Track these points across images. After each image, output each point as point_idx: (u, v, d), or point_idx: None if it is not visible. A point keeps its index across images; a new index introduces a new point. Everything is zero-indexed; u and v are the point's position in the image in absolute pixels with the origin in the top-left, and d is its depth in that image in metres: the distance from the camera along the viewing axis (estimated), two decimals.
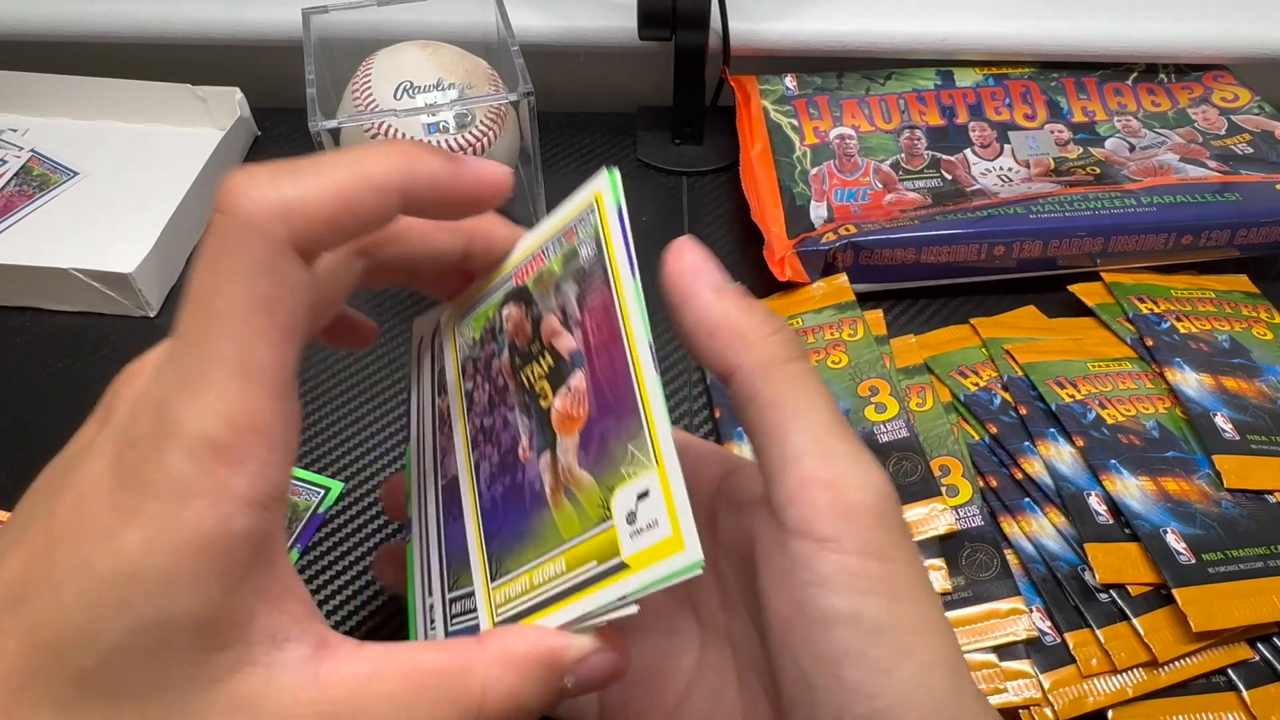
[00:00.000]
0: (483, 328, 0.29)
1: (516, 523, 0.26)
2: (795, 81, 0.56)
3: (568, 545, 0.24)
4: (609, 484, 0.23)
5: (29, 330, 0.48)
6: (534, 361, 0.27)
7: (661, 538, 0.22)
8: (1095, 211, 0.46)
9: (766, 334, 0.23)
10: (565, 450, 0.25)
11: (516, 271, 0.28)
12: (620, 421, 0.24)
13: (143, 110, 0.57)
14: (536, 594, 0.25)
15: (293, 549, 0.38)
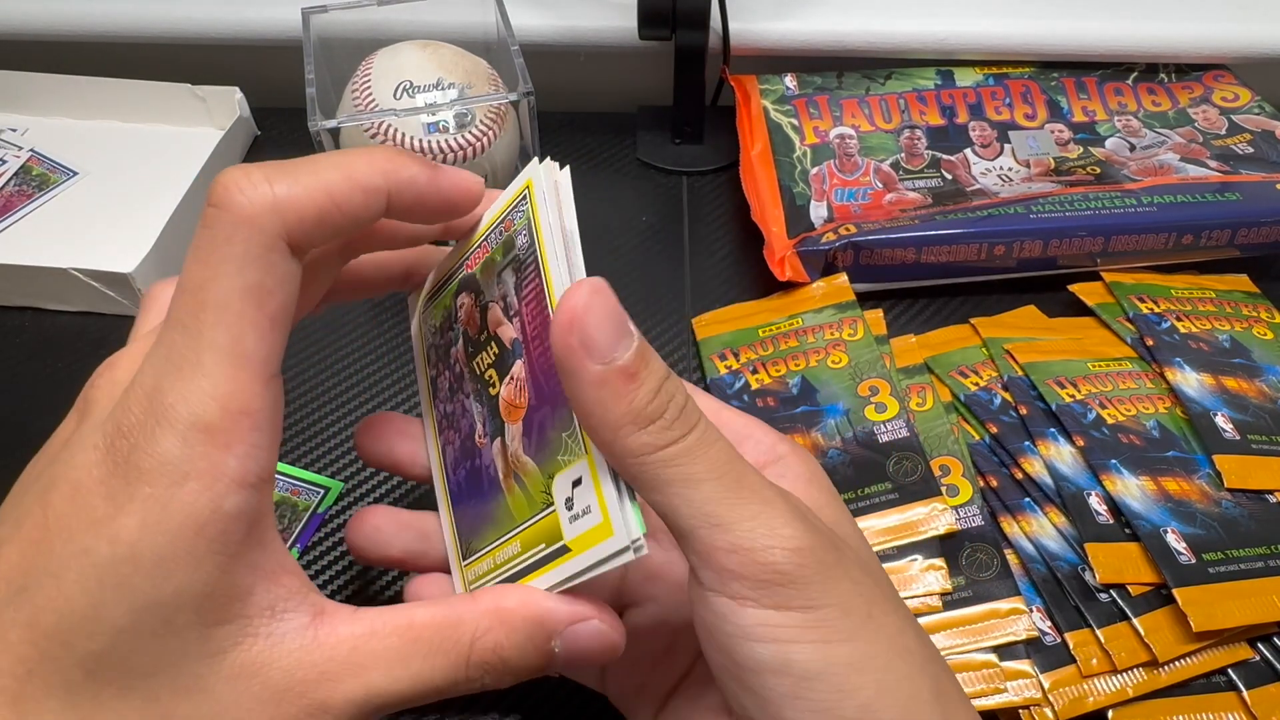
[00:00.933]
0: (442, 316, 0.30)
1: (479, 506, 0.27)
2: (795, 81, 0.56)
3: (520, 528, 0.25)
4: (549, 471, 0.24)
5: (29, 330, 0.48)
6: (483, 350, 0.27)
7: (594, 524, 0.23)
8: (1095, 211, 0.46)
9: (642, 424, 0.21)
10: (512, 437, 0.26)
11: (467, 260, 0.29)
12: (555, 410, 0.24)
13: (143, 110, 0.57)
14: (499, 572, 0.26)
15: (293, 548, 0.38)
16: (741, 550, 0.21)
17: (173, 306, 0.21)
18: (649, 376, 0.22)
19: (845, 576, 0.22)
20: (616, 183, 0.56)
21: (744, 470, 0.22)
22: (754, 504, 0.22)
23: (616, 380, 0.21)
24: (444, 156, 0.45)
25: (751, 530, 0.21)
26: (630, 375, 0.21)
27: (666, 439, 0.22)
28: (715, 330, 0.46)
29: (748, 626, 0.21)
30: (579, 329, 0.21)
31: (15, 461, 0.42)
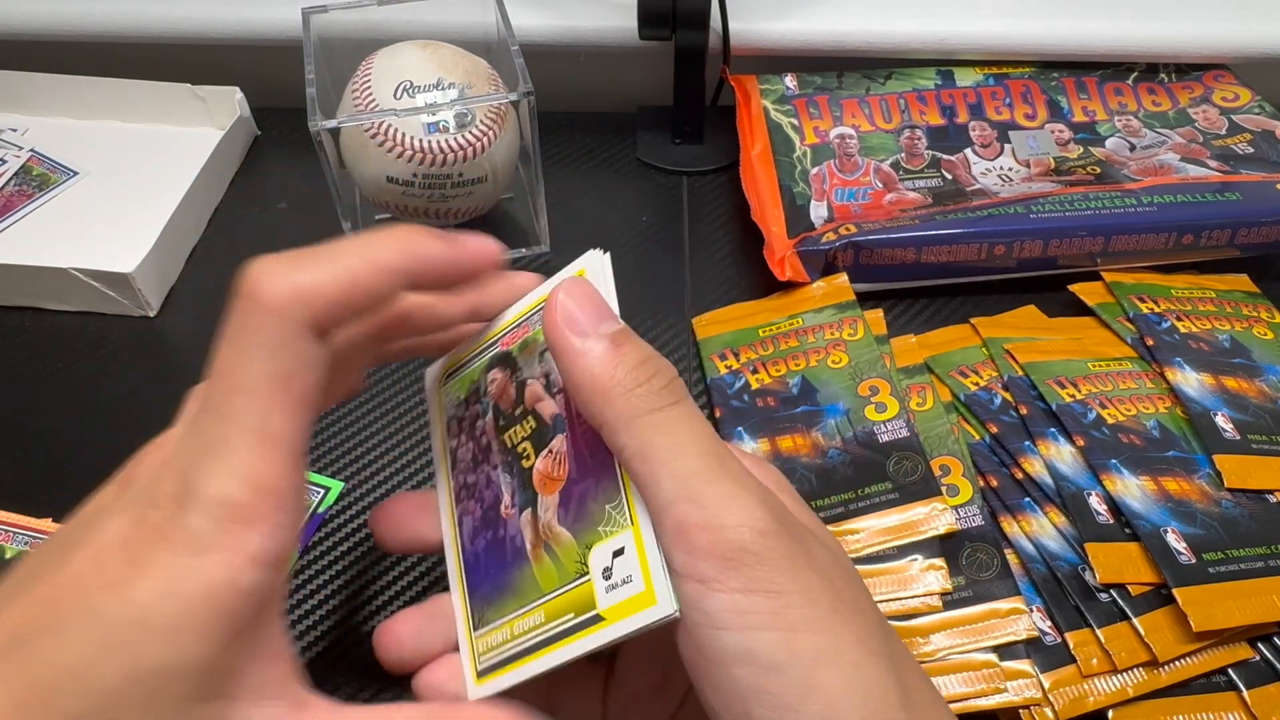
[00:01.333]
0: (468, 389, 0.30)
1: (498, 576, 0.28)
2: (795, 81, 0.56)
3: (546, 598, 0.26)
4: (586, 541, 0.25)
5: (29, 330, 0.48)
6: (517, 424, 0.28)
7: (635, 592, 0.23)
8: (1095, 211, 0.46)
9: (628, 387, 0.23)
10: (545, 508, 0.27)
11: (503, 338, 0.30)
12: (599, 484, 0.25)
13: (143, 110, 0.57)
14: (517, 643, 0.26)
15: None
16: (713, 527, 0.22)
17: (206, 392, 0.22)
18: (632, 349, 0.23)
19: (810, 568, 0.22)
20: (616, 183, 0.56)
21: (725, 452, 0.23)
22: (730, 484, 0.22)
23: (601, 349, 0.23)
24: (444, 156, 0.45)
25: (725, 508, 0.22)
26: (615, 345, 0.23)
27: (655, 403, 0.23)
28: (715, 330, 0.46)
29: (714, 613, 0.21)
30: (563, 311, 0.24)
31: (15, 461, 0.42)
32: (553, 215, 0.52)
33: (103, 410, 0.44)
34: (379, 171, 0.45)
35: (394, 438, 0.43)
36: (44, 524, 0.40)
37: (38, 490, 0.41)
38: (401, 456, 0.42)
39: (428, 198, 0.46)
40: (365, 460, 0.42)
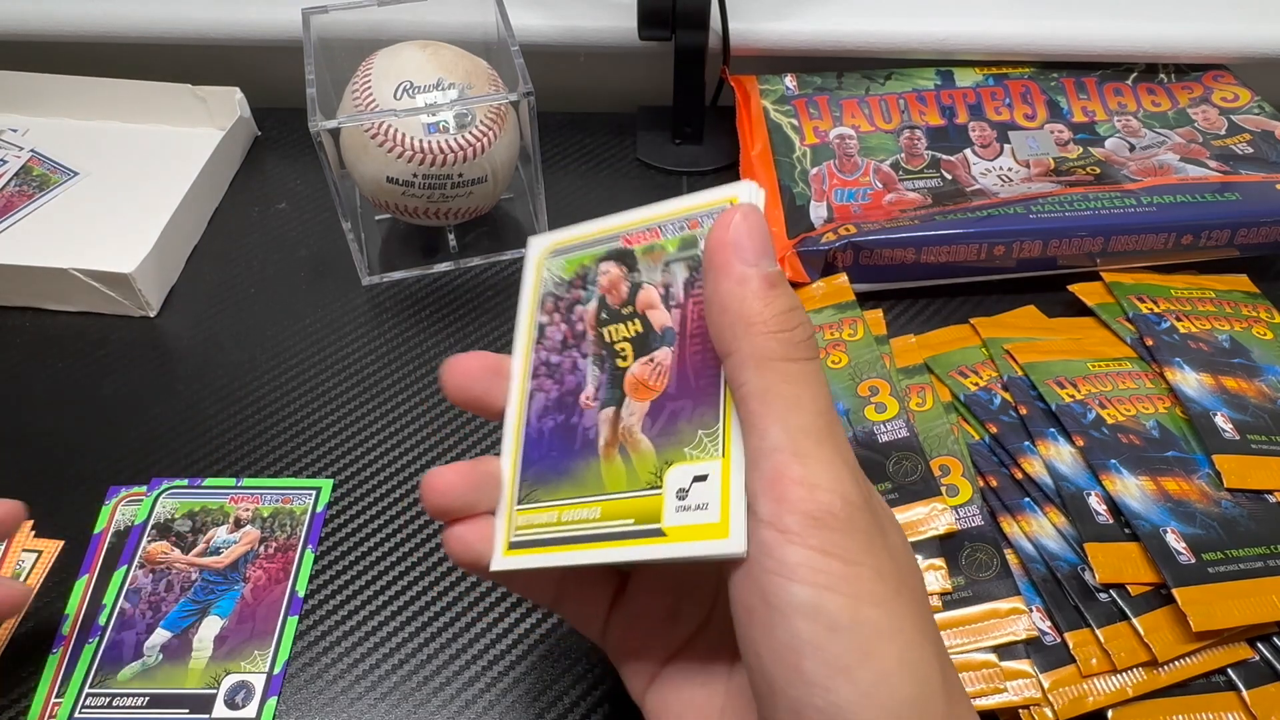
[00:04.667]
0: (575, 272, 0.30)
1: (559, 460, 0.28)
2: (795, 81, 0.56)
3: (609, 497, 0.26)
4: (667, 458, 0.25)
5: (29, 330, 0.48)
6: (622, 323, 0.28)
7: (707, 520, 0.24)
8: (1095, 211, 0.46)
9: (773, 329, 0.23)
10: (631, 412, 0.27)
11: (626, 235, 0.29)
12: (697, 406, 0.25)
13: (143, 110, 0.57)
14: (562, 529, 0.26)
15: (305, 551, 0.38)
16: (808, 485, 0.22)
17: None
18: (785, 294, 0.24)
19: (885, 549, 0.23)
20: (616, 183, 0.56)
21: (835, 419, 0.24)
22: (834, 450, 0.23)
23: (758, 282, 0.23)
24: (444, 156, 0.45)
25: (824, 470, 0.22)
26: (771, 283, 0.23)
27: (792, 353, 0.23)
28: None
29: (791, 564, 0.22)
30: (735, 233, 0.24)
31: (15, 461, 0.42)
32: (553, 215, 0.52)
33: (103, 410, 0.44)
34: (379, 172, 0.45)
35: (379, 435, 0.43)
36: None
37: (37, 490, 0.41)
38: (389, 453, 0.42)
39: (428, 198, 0.46)
40: (352, 456, 0.42)
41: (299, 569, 0.38)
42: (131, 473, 0.41)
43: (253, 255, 0.52)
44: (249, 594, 0.37)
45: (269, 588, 0.37)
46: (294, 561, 0.38)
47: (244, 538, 0.39)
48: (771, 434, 0.23)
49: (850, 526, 0.22)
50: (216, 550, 0.38)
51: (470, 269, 0.51)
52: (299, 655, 0.36)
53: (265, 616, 0.37)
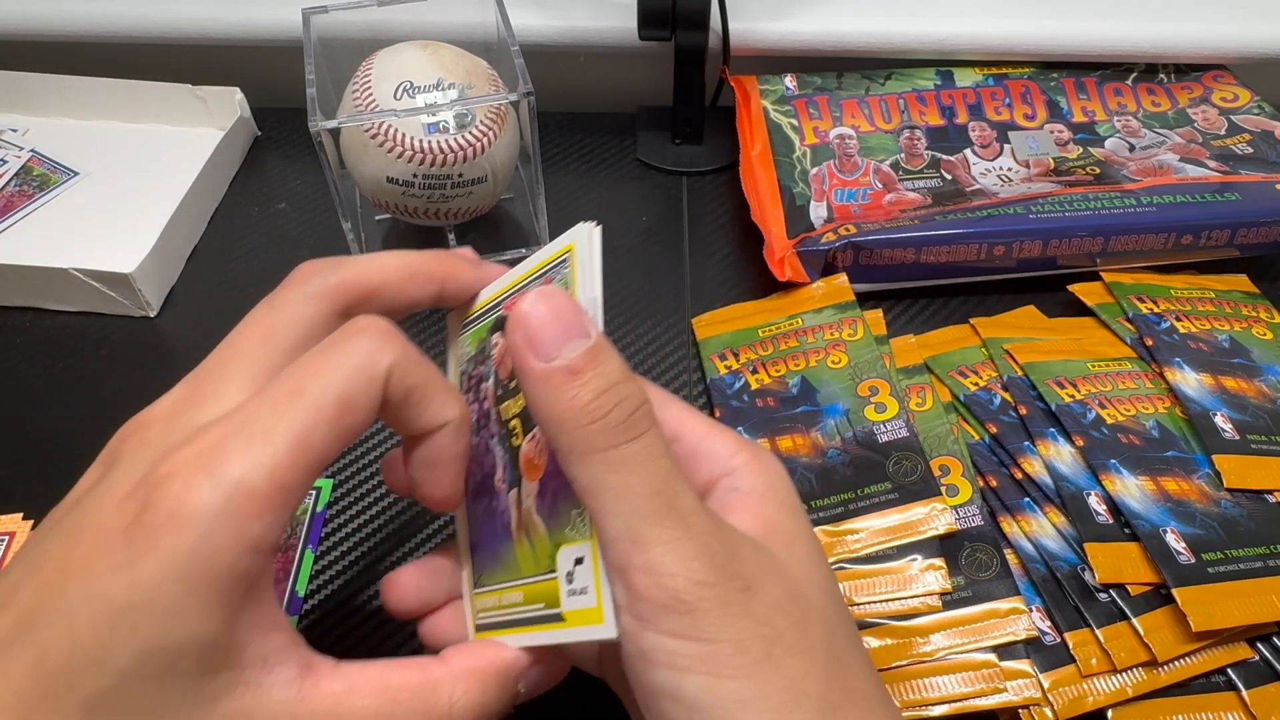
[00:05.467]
0: (477, 346, 0.30)
1: (493, 543, 0.28)
2: (795, 81, 0.56)
3: (525, 581, 0.26)
4: (556, 540, 0.25)
5: (29, 330, 0.48)
6: (511, 398, 0.28)
7: (588, 605, 0.24)
8: (1095, 211, 0.46)
9: (584, 421, 0.22)
10: (527, 494, 0.27)
11: (506, 300, 0.29)
12: (569, 487, 0.25)
13: (143, 110, 0.57)
14: (503, 613, 0.27)
15: (305, 550, 0.38)
16: (651, 572, 0.22)
17: (273, 385, 0.23)
18: (596, 377, 0.23)
19: (747, 615, 0.22)
20: (616, 183, 0.56)
21: (679, 492, 0.23)
22: (676, 529, 0.22)
23: (558, 377, 0.22)
24: (444, 157, 0.45)
25: (664, 555, 0.22)
26: (573, 373, 0.22)
27: (610, 440, 0.22)
28: (715, 330, 0.46)
29: (647, 650, 0.22)
30: (523, 327, 0.23)
31: (15, 461, 0.42)
32: (553, 215, 0.52)
33: (103, 410, 0.44)
34: (379, 172, 0.45)
35: (379, 435, 0.43)
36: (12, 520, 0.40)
37: (38, 490, 0.41)
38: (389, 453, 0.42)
39: (428, 198, 0.46)
40: (352, 457, 0.42)
41: (299, 569, 0.38)
42: None
43: (253, 255, 0.52)
44: None
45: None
46: (294, 561, 0.38)
47: None
48: (608, 526, 0.22)
49: (700, 605, 0.22)
50: None
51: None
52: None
53: None
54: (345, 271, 0.27)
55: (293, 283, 0.27)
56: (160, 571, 0.20)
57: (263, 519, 0.22)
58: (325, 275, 0.27)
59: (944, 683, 0.33)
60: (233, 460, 0.21)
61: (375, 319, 0.25)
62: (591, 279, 0.26)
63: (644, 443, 0.23)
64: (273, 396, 0.23)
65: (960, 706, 0.32)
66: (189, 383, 0.25)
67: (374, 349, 0.24)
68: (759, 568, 0.24)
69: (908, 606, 0.35)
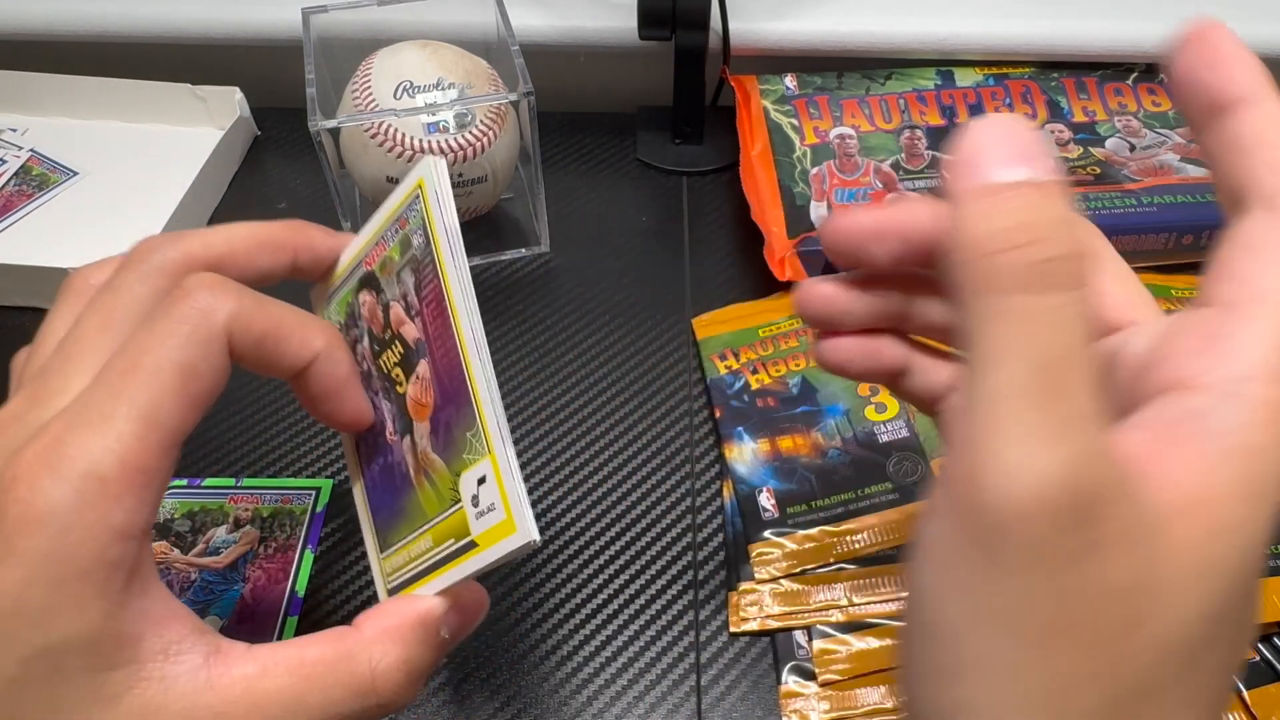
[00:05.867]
0: (345, 312, 0.30)
1: (392, 500, 0.28)
2: (795, 81, 0.56)
3: (431, 523, 0.26)
4: (456, 469, 0.25)
5: (29, 330, 0.48)
6: (388, 348, 0.28)
7: (498, 520, 0.23)
8: (1095, 211, 0.46)
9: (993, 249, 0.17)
10: (420, 435, 0.26)
11: (365, 257, 0.29)
12: (459, 410, 0.25)
13: (143, 110, 0.57)
14: (414, 566, 0.27)
15: (304, 551, 0.38)
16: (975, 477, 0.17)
17: (108, 364, 0.22)
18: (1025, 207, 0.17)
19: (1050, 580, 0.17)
20: (616, 183, 0.56)
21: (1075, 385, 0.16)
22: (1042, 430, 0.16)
23: (984, 192, 0.17)
24: (444, 156, 0.45)
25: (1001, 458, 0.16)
26: (992, 193, 0.17)
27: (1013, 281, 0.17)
28: (715, 330, 0.46)
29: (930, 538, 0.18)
30: (970, 142, 0.18)
31: None
32: (553, 215, 0.52)
33: None
34: (379, 171, 0.45)
35: None
36: None
37: None
38: None
39: None
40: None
41: (299, 569, 0.38)
42: None
43: None
44: (249, 594, 0.37)
45: (269, 588, 0.37)
46: (294, 561, 0.38)
47: (243, 538, 0.39)
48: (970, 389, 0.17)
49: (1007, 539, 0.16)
50: (216, 550, 0.38)
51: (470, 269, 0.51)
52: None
53: (265, 616, 0.37)
54: (186, 244, 0.26)
55: (130, 262, 0.25)
56: (24, 575, 0.20)
57: (122, 504, 0.21)
58: (164, 250, 0.25)
59: None
60: (75, 451, 0.21)
61: (203, 275, 0.24)
62: (447, 209, 0.26)
63: (1057, 300, 0.16)
64: (106, 380, 0.22)
65: None
66: (33, 383, 0.24)
67: (206, 307, 0.23)
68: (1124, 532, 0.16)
69: None
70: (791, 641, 0.35)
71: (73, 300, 0.27)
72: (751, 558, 0.37)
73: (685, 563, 0.38)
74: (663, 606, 0.37)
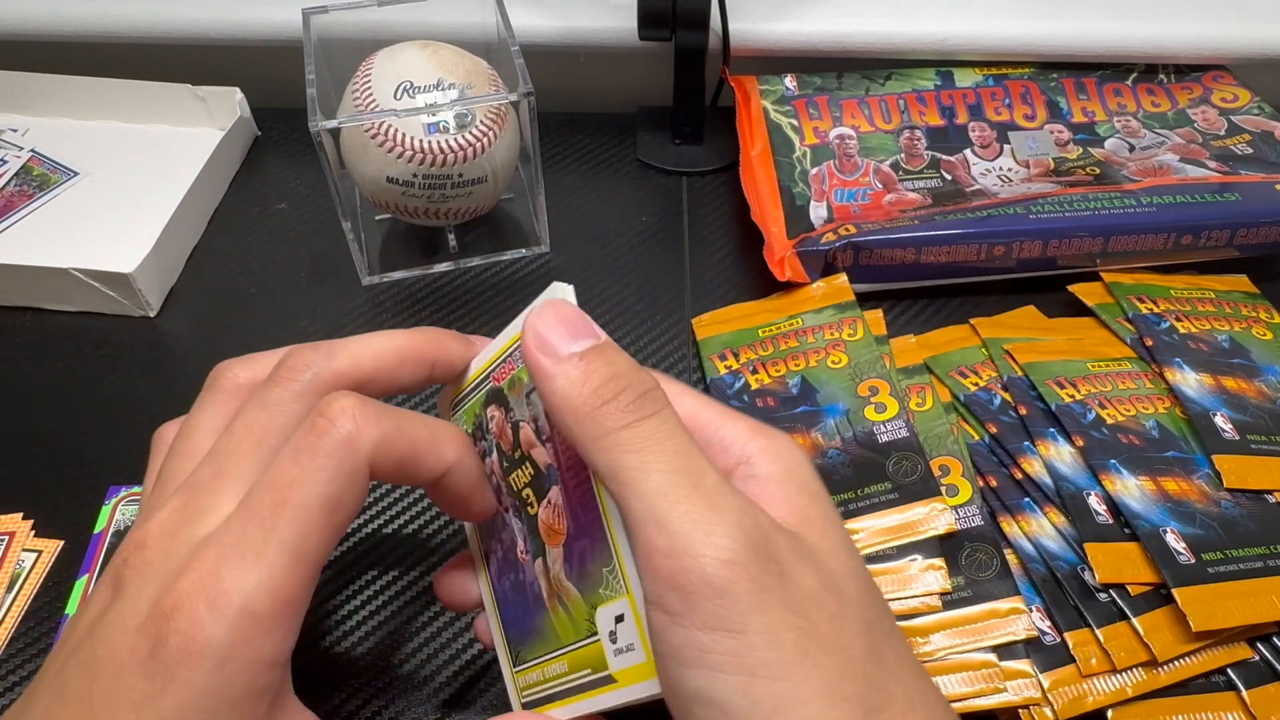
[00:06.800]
0: (473, 423, 0.30)
1: (525, 618, 0.28)
2: (795, 82, 0.56)
3: (567, 649, 0.26)
4: (592, 602, 0.25)
5: (29, 330, 0.48)
6: (519, 468, 0.28)
7: (638, 661, 0.23)
8: (1095, 212, 0.46)
9: (594, 404, 0.22)
10: (553, 560, 0.26)
11: (494, 373, 0.29)
12: (594, 545, 0.25)
13: (143, 110, 0.57)
14: (550, 686, 0.27)
15: None
16: (675, 555, 0.21)
17: (254, 496, 0.23)
18: (605, 365, 0.23)
19: (782, 603, 0.21)
20: (616, 183, 0.56)
21: (702, 469, 0.22)
22: (700, 506, 0.21)
23: (567, 365, 0.23)
24: (444, 157, 0.45)
25: (689, 534, 0.21)
26: (580, 361, 0.23)
27: (623, 419, 0.22)
28: (715, 330, 0.46)
29: (677, 647, 0.21)
30: (533, 334, 0.23)
31: (15, 461, 0.42)
32: (553, 215, 0.52)
33: (103, 410, 0.44)
34: (379, 172, 0.45)
35: None
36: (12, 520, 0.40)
37: (37, 490, 0.41)
38: None
39: (428, 198, 0.46)
40: None
41: None
42: (131, 473, 0.41)
43: (253, 255, 0.52)
44: None
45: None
46: None
47: None
48: (632, 509, 0.22)
49: (730, 589, 0.20)
50: None
51: (470, 269, 0.51)
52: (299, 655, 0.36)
53: None
54: (337, 363, 0.26)
55: (282, 379, 0.26)
56: (181, 704, 0.21)
57: (272, 636, 0.22)
58: (317, 369, 0.26)
59: (944, 683, 0.33)
60: (231, 586, 0.22)
61: (345, 400, 0.24)
62: None
63: (658, 421, 0.22)
64: (257, 512, 0.22)
65: (960, 706, 0.32)
66: (183, 494, 0.24)
67: (350, 437, 0.23)
68: (793, 554, 0.22)
69: (908, 606, 0.35)
70: None
71: (221, 399, 0.27)
72: None
73: None
74: None
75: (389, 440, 0.24)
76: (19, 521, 0.40)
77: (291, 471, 0.23)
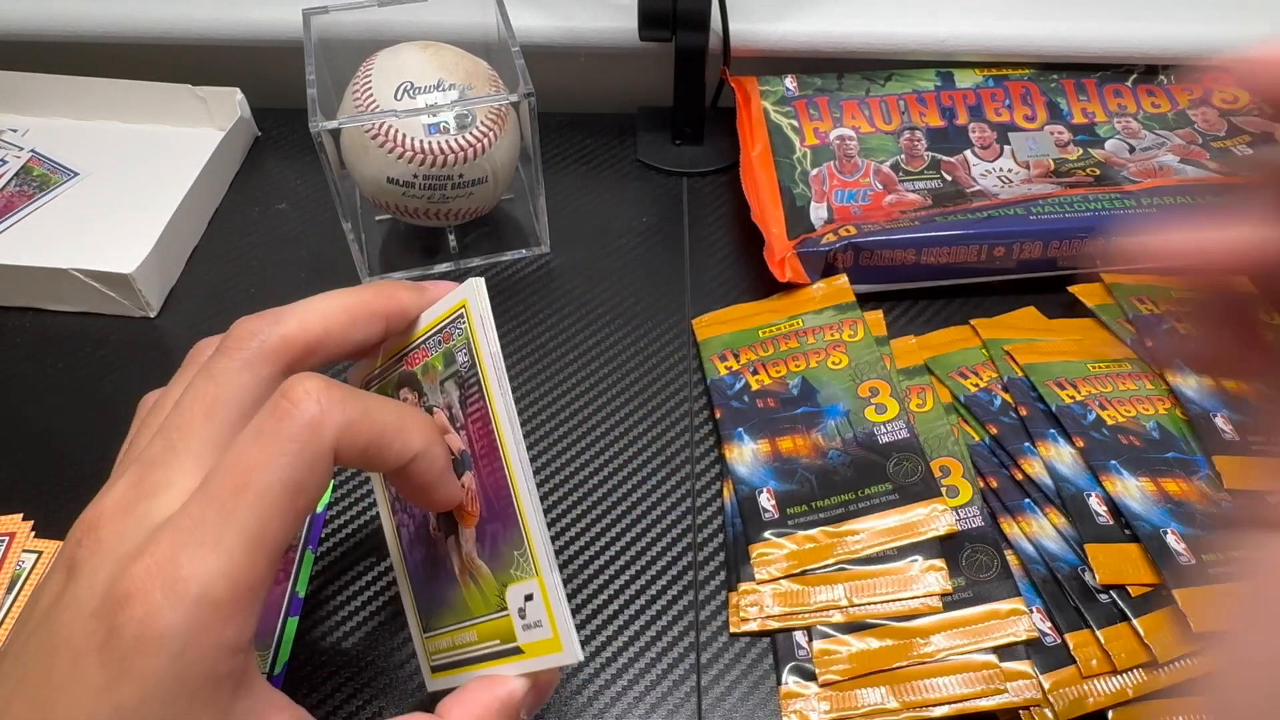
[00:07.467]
0: None
1: (436, 589, 0.29)
2: (795, 82, 0.56)
3: (477, 620, 0.27)
4: (503, 580, 0.26)
5: (29, 330, 0.48)
6: None
7: (544, 637, 0.25)
8: (1095, 212, 0.46)
9: None
10: (466, 539, 0.28)
11: (407, 357, 0.29)
12: (506, 528, 0.26)
13: (143, 110, 0.57)
14: (458, 653, 0.28)
15: (305, 551, 0.38)
16: None
17: (214, 480, 0.22)
18: None
19: None
20: (616, 183, 0.56)
21: None
22: None
23: None
24: (444, 157, 0.45)
25: None
26: None
27: None
28: (716, 331, 0.46)
29: None
30: None
31: (15, 462, 0.42)
32: (553, 216, 0.52)
33: (103, 410, 0.44)
34: (379, 172, 0.45)
35: None
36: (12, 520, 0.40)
37: (38, 490, 0.41)
38: None
39: (428, 199, 0.46)
40: None
41: (299, 569, 0.38)
42: None
43: (253, 255, 0.52)
44: None
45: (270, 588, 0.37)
46: (294, 562, 0.38)
47: None
48: None
49: None
50: None
51: (470, 269, 0.51)
52: (299, 656, 0.36)
53: (265, 617, 0.37)
54: (284, 328, 0.26)
55: (229, 348, 0.25)
56: (141, 693, 0.21)
57: (232, 623, 0.22)
58: (263, 336, 0.26)
59: (945, 684, 0.33)
60: (189, 573, 0.21)
61: (309, 382, 0.23)
62: (490, 334, 0.26)
63: None
64: (217, 497, 0.22)
65: (961, 708, 0.32)
66: (136, 470, 0.24)
67: (313, 422, 0.23)
68: None
69: (908, 607, 0.35)
70: (792, 642, 0.35)
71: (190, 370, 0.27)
72: (752, 558, 0.37)
73: (685, 563, 0.38)
74: (663, 607, 0.37)
75: (354, 425, 0.23)
76: (19, 522, 0.40)
77: (252, 455, 0.22)
